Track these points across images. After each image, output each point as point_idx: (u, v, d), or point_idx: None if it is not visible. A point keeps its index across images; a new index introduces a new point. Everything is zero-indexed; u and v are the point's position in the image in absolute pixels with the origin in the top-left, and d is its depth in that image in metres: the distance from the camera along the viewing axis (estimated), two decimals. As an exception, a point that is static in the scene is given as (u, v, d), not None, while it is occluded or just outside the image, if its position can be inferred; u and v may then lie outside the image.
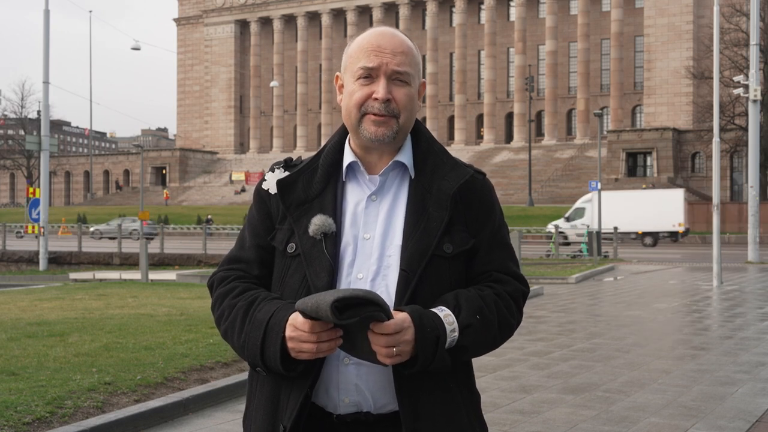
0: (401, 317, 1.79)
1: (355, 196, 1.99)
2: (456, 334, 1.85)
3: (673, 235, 40.00)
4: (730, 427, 5.89)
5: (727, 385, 7.28)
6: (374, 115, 1.93)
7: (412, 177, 2.00)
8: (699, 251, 33.72)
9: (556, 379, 7.54)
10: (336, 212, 1.96)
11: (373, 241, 1.94)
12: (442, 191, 1.97)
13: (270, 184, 2.03)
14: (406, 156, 2.01)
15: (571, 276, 19.57)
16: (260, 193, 2.06)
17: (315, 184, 1.99)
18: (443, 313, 1.86)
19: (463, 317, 1.87)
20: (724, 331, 10.76)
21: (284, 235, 1.99)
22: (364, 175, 2.00)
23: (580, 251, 30.15)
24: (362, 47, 1.97)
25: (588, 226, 34.62)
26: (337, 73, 2.07)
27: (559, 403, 6.57)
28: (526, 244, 31.20)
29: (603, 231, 31.14)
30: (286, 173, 2.02)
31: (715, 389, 7.10)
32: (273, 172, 2.04)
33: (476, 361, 8.09)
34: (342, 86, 2.03)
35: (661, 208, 40.08)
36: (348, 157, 2.01)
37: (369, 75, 1.95)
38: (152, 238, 40.34)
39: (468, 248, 1.98)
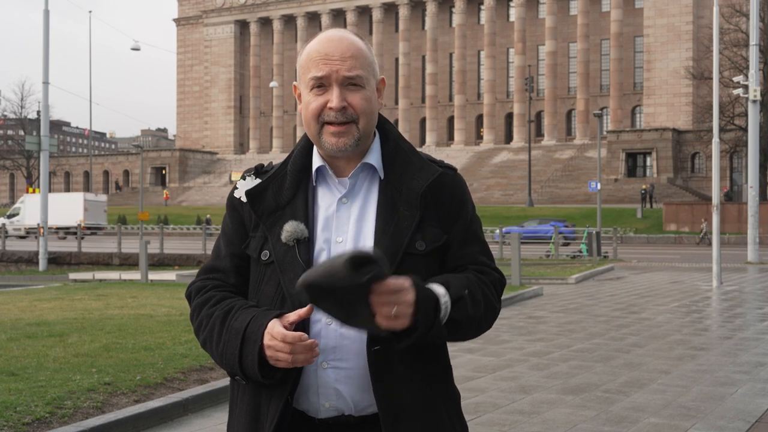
0: (401, 279, 1.76)
1: (326, 199, 1.98)
2: (448, 306, 1.84)
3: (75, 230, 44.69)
4: (729, 427, 5.89)
5: (726, 385, 7.28)
6: (332, 124, 1.92)
7: (382, 178, 1.99)
8: (698, 251, 33.72)
9: (555, 379, 7.54)
10: (308, 217, 1.95)
11: (345, 244, 1.93)
12: (411, 190, 1.96)
13: (241, 193, 2.02)
14: (374, 157, 2.00)
15: (571, 276, 19.57)
16: (233, 202, 2.05)
17: (285, 190, 1.98)
18: (434, 285, 1.85)
19: (454, 290, 1.87)
20: (724, 332, 10.77)
21: (258, 242, 1.98)
22: (334, 178, 1.98)
23: (580, 251, 30.11)
24: (311, 57, 1.95)
25: (20, 222, 50.86)
26: (294, 83, 2.06)
27: (559, 404, 6.57)
28: (526, 244, 31.18)
29: (31, 226, 42.78)
30: (257, 181, 2.02)
31: (715, 390, 7.10)
32: (245, 180, 2.03)
33: (476, 362, 8.01)
34: (300, 95, 2.02)
35: (68, 207, 52.52)
36: (317, 161, 2.00)
37: (321, 84, 1.93)
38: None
39: (441, 244, 1.98)
